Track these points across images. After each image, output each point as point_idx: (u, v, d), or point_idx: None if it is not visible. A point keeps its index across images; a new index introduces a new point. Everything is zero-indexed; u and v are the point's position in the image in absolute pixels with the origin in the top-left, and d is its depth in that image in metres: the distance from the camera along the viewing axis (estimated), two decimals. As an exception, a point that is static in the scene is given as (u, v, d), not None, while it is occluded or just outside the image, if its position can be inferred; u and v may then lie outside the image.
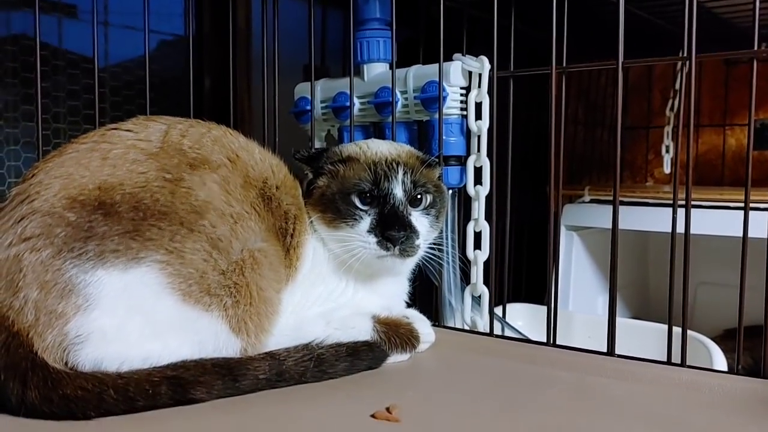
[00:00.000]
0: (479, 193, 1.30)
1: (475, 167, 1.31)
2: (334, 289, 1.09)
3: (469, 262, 1.32)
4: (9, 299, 0.84)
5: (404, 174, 1.07)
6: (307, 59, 1.43)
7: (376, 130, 1.43)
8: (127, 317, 0.85)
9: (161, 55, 1.76)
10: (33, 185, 0.89)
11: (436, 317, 1.34)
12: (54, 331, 0.83)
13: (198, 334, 0.89)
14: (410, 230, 1.04)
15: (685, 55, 1.05)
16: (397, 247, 1.03)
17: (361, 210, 1.06)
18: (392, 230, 1.03)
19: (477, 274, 1.31)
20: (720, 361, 1.33)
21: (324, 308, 1.07)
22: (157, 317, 0.87)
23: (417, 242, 1.06)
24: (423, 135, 1.37)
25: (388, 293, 1.14)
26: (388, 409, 0.85)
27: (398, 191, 1.06)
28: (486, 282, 1.30)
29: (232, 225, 0.93)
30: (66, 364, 0.84)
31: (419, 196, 1.09)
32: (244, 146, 1.03)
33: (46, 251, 0.84)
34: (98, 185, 0.88)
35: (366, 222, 1.05)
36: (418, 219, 1.08)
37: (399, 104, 1.35)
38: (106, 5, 1.63)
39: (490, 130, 1.28)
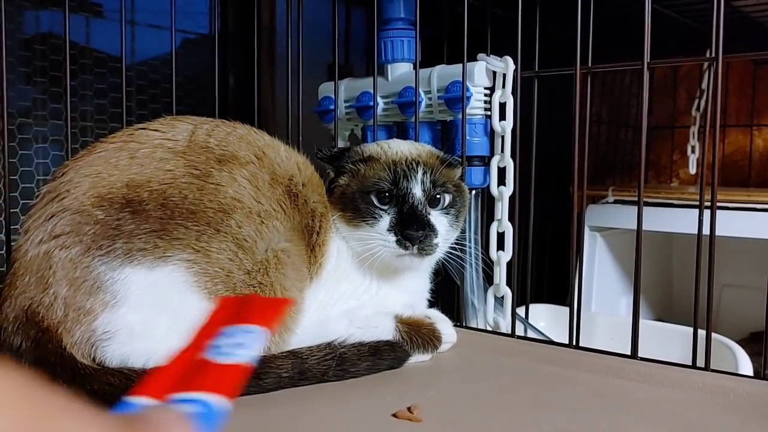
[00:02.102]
0: (503, 194, 1.30)
1: (498, 167, 1.30)
2: (358, 286, 1.09)
3: (492, 262, 1.32)
4: (39, 295, 0.85)
5: (424, 174, 1.07)
6: (331, 58, 1.43)
7: (400, 130, 1.43)
8: (154, 315, 0.86)
9: (186, 53, 1.78)
10: (63, 183, 0.90)
11: (458, 317, 1.34)
12: (82, 327, 0.85)
13: (223, 332, 0.90)
14: (429, 229, 1.05)
15: (713, 55, 1.04)
16: (416, 246, 1.04)
17: (380, 209, 1.06)
18: (411, 229, 1.03)
19: (500, 274, 1.31)
20: (745, 365, 1.31)
21: (347, 306, 1.07)
22: (183, 315, 0.87)
23: (435, 241, 1.06)
24: (446, 135, 1.36)
25: (412, 289, 1.14)
26: (409, 409, 0.85)
27: (417, 191, 1.07)
28: (508, 283, 1.30)
29: (257, 225, 0.94)
30: (93, 359, 0.85)
31: (438, 196, 1.09)
32: (270, 144, 1.04)
33: (76, 249, 0.86)
34: (126, 183, 0.90)
35: (385, 221, 1.06)
36: (438, 218, 1.08)
37: (423, 104, 1.35)
38: (132, 4, 1.65)
39: (513, 131, 1.27)
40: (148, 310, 0.86)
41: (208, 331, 0.56)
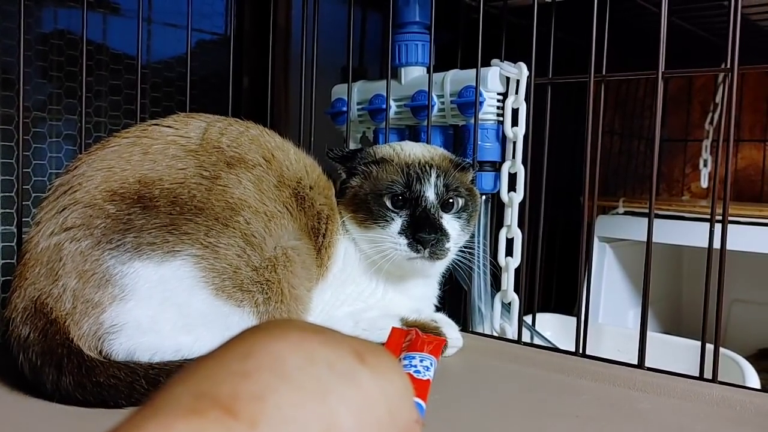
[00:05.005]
0: (513, 200, 1.29)
1: (509, 173, 1.30)
2: (365, 289, 1.09)
3: (500, 268, 1.31)
4: (49, 287, 0.86)
5: (437, 177, 1.07)
6: (345, 61, 1.44)
7: (412, 134, 1.43)
8: (161, 309, 0.87)
9: (201, 53, 1.78)
10: (76, 177, 0.91)
11: (464, 322, 1.34)
12: (90, 319, 0.85)
13: (229, 329, 0.89)
14: (441, 233, 1.05)
15: (728, 66, 1.04)
16: (428, 250, 1.04)
17: (392, 212, 1.06)
18: (423, 232, 1.03)
19: (508, 281, 1.31)
20: (753, 380, 1.30)
21: (353, 308, 1.07)
22: (190, 310, 0.88)
23: (447, 245, 1.06)
24: (459, 139, 1.36)
25: (418, 295, 1.14)
26: (413, 412, 0.85)
27: (430, 194, 1.06)
28: (516, 290, 1.30)
29: (266, 222, 0.95)
30: (100, 352, 0.86)
31: (451, 200, 1.09)
32: (280, 146, 1.04)
33: (86, 241, 0.86)
34: (138, 179, 0.90)
35: (397, 224, 1.06)
36: (450, 222, 1.08)
37: (435, 108, 1.35)
38: (150, 3, 1.66)
39: (525, 137, 1.27)
40: (155, 304, 0.86)
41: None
